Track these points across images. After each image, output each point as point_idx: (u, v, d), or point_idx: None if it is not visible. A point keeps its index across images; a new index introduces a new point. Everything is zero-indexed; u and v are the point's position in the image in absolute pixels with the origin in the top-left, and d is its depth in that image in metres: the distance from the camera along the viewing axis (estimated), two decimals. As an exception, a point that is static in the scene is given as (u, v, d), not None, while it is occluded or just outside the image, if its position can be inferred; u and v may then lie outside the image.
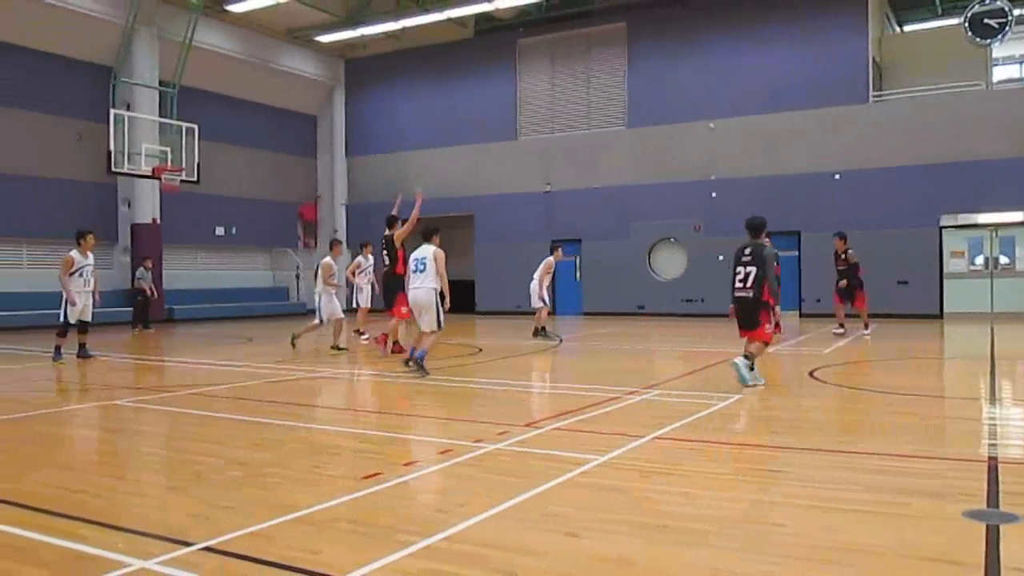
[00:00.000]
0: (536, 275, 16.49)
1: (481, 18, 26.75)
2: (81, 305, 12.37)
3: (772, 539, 3.90)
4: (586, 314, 25.17)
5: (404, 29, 26.53)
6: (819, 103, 22.48)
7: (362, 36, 27.34)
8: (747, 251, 9.02)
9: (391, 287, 12.82)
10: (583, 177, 25.54)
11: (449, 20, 25.60)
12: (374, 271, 15.68)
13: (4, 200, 20.85)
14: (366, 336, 15.32)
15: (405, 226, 12.84)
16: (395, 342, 12.92)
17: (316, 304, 13.70)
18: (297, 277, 29.19)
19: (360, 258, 16.09)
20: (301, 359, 12.77)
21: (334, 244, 14.92)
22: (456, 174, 27.48)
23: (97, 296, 12.81)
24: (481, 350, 14.27)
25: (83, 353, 12.50)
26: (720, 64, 23.75)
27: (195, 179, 21.36)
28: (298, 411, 8.19)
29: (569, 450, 5.87)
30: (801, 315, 22.64)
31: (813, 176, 22.49)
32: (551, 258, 16.46)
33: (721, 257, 22.89)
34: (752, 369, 8.79)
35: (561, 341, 16.18)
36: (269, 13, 24.95)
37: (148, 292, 20.53)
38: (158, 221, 23.64)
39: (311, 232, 30.22)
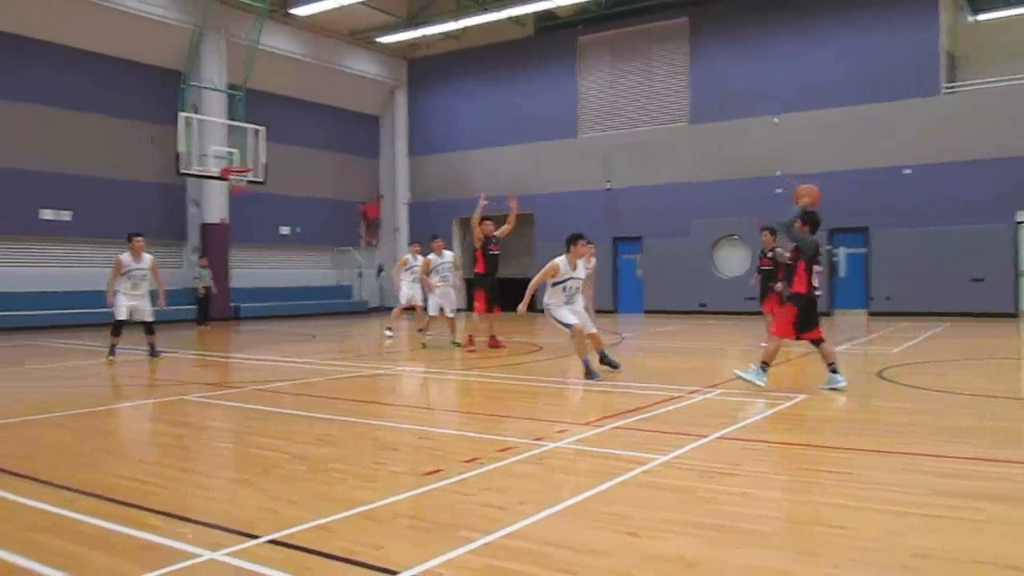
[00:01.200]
0: None
1: (541, 16, 26.74)
2: (128, 306, 12.20)
3: (836, 542, 3.82)
4: (647, 312, 24.98)
5: (464, 29, 26.69)
6: (888, 96, 21.91)
7: (423, 36, 27.59)
8: (821, 250, 8.86)
9: (472, 285, 13.97)
10: (644, 174, 25.36)
11: (509, 19, 25.65)
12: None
13: (81, 202, 21.65)
14: (426, 332, 15.53)
15: (474, 228, 13.85)
16: (492, 336, 13.65)
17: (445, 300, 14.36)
18: (359, 275, 29.60)
19: (408, 256, 16.17)
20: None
21: (435, 239, 15.21)
22: (516, 172, 27.52)
23: (162, 301, 12.70)
24: (541, 348, 14.26)
25: (153, 352, 12.59)
26: (785, 57, 23.34)
27: (262, 180, 21.82)
28: (360, 407, 8.30)
29: (630, 449, 5.84)
30: (869, 314, 22.12)
31: (882, 171, 21.93)
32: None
33: (787, 255, 22.49)
34: None
35: (622, 339, 16.08)
36: (333, 16, 25.33)
37: (208, 290, 21.21)
38: (226, 221, 24.22)
39: (373, 231, 30.61)
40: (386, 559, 3.58)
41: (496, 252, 13.81)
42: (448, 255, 14.83)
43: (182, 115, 20.34)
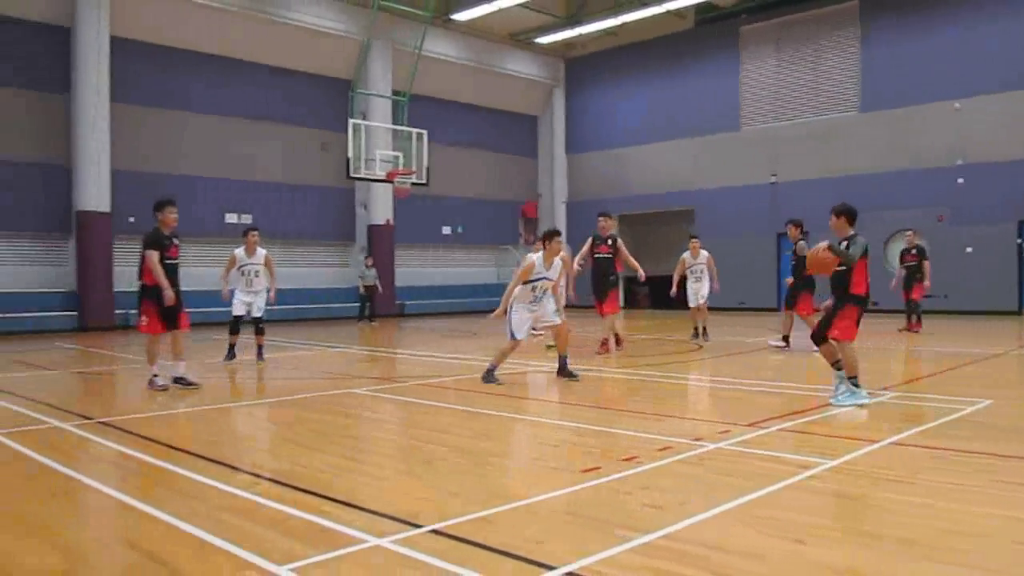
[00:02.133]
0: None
1: (701, 8, 26.14)
2: (244, 302, 11.94)
3: (1030, 560, 3.52)
4: (816, 310, 23.92)
5: (622, 25, 26.48)
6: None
7: (581, 35, 27.60)
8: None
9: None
10: (812, 166, 24.29)
11: (668, 12, 25.24)
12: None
13: (261, 205, 23.14)
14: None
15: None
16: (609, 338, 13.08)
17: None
18: (518, 274, 30.00)
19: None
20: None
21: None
22: (676, 168, 27.07)
23: (272, 295, 12.17)
24: (702, 347, 13.97)
25: (260, 355, 12.22)
26: (966, 36, 21.68)
27: (424, 182, 22.51)
28: (519, 404, 8.41)
29: (796, 452, 5.62)
30: (1067, 313, 20.26)
31: (1082, 157, 19.99)
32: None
33: (969, 249, 21.02)
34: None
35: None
36: (492, 19, 25.78)
37: (374, 288, 22.20)
38: (391, 222, 25.20)
39: (532, 229, 30.93)
40: (544, 554, 3.61)
41: (605, 255, 12.88)
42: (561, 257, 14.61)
43: (351, 122, 21.27)
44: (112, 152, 19.79)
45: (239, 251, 12.06)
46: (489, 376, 9.49)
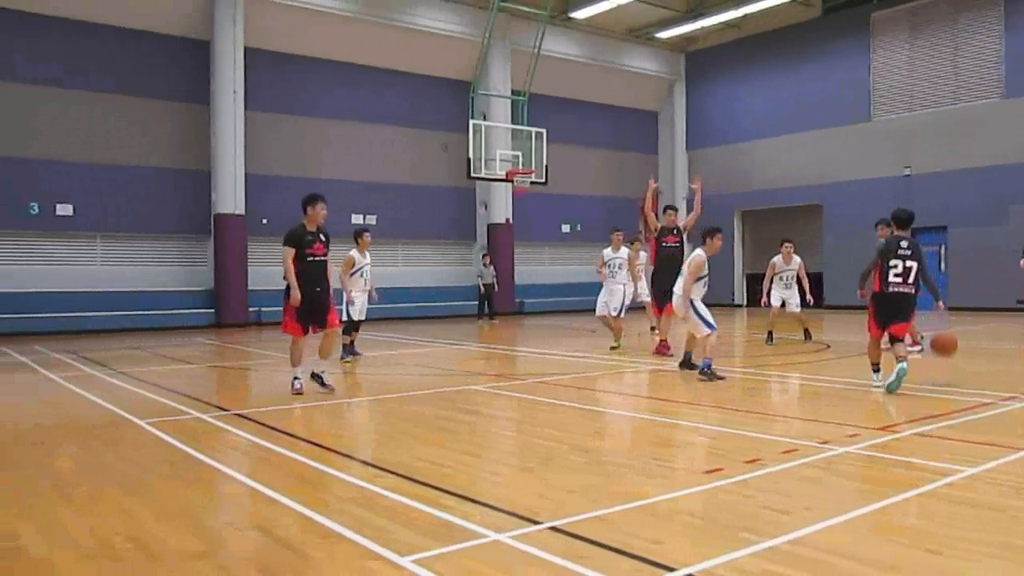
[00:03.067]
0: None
1: (830, -5, 25.21)
2: (360, 304, 12.10)
3: None
4: (953, 308, 22.68)
5: (745, 16, 25.81)
6: None
7: (702, 28, 27.06)
8: (904, 244, 8.39)
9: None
10: (949, 158, 23.01)
11: (794, 1, 24.43)
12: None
13: (385, 206, 23.79)
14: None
15: (645, 216, 13.57)
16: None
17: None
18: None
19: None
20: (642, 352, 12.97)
21: (615, 232, 14.95)
22: (802, 162, 26.18)
23: (374, 294, 12.35)
24: (829, 346, 13.47)
25: (351, 350, 12.26)
26: None
27: (543, 180, 22.59)
28: (638, 402, 8.34)
29: (931, 459, 5.35)
30: None
31: None
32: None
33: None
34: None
35: (923, 337, 14.75)
36: (611, 16, 25.60)
37: (491, 286, 22.40)
38: (510, 221, 25.42)
39: (650, 228, 30.55)
40: (663, 555, 3.58)
41: (673, 244, 12.49)
42: (624, 251, 14.30)
43: (472, 122, 21.56)
44: (246, 157, 20.79)
45: (355, 253, 12.12)
46: (710, 374, 9.34)
